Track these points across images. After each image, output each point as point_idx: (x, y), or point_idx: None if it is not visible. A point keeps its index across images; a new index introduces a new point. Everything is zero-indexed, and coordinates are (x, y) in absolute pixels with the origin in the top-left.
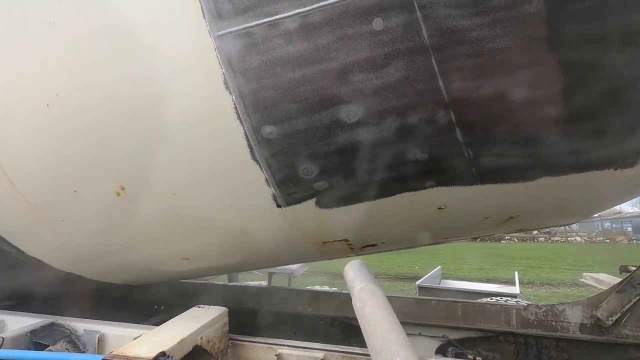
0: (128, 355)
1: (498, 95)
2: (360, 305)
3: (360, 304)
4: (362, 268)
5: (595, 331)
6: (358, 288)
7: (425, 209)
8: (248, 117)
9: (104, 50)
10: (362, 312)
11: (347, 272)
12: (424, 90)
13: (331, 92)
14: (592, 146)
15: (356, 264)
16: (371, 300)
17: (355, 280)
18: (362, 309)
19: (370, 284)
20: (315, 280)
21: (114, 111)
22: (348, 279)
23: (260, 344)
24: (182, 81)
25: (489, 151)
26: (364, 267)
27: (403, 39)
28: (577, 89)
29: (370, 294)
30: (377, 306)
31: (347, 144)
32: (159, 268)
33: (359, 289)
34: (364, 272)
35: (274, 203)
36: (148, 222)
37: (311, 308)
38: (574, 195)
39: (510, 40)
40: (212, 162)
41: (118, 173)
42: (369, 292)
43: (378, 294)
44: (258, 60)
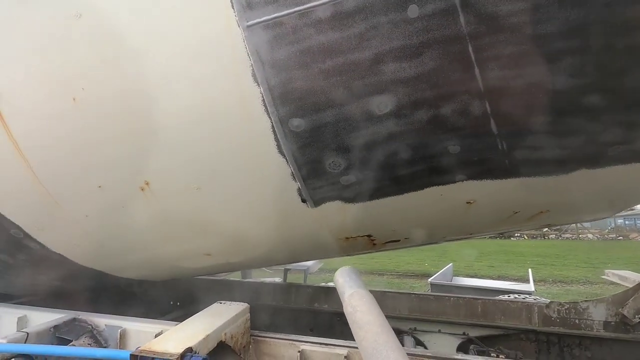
0: (156, 351)
1: (536, 84)
2: (351, 310)
3: (350, 309)
4: (352, 274)
5: (620, 329)
6: (348, 294)
7: (453, 204)
8: (276, 109)
9: (131, 42)
10: (353, 317)
11: (337, 279)
12: (459, 79)
13: (362, 82)
14: (634, 137)
15: (346, 270)
16: (361, 306)
17: (345, 287)
18: (353, 314)
19: (360, 289)
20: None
21: (140, 105)
22: (338, 285)
23: (282, 340)
24: (210, 73)
25: (524, 143)
26: (354, 273)
27: (439, 27)
28: (621, 76)
29: (360, 299)
30: (368, 311)
31: (377, 137)
32: (180, 264)
33: (349, 294)
34: (353, 278)
35: (298, 197)
36: (171, 217)
37: (327, 304)
38: (610, 189)
39: (551, 26)
40: (238, 155)
41: (142, 167)
42: (359, 297)
43: (368, 299)
44: (288, 51)
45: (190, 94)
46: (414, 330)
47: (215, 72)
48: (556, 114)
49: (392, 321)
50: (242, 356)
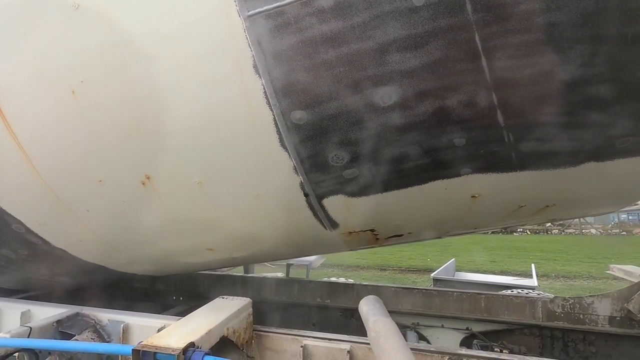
0: (158, 345)
1: (544, 75)
2: (374, 335)
3: (374, 335)
4: (376, 303)
5: (625, 324)
6: (372, 320)
7: (458, 198)
8: (278, 101)
9: (130, 33)
10: (377, 342)
11: (362, 307)
12: (465, 70)
13: (366, 73)
14: None
15: (370, 299)
16: (384, 331)
17: (369, 314)
18: (377, 339)
19: (384, 317)
20: (326, 273)
21: (140, 97)
22: (363, 312)
23: (285, 335)
24: (210, 64)
25: (531, 135)
26: (378, 302)
27: (445, 15)
28: (631, 66)
29: (384, 326)
30: (390, 336)
31: (381, 129)
32: (182, 259)
33: (373, 321)
34: (377, 306)
35: (301, 191)
36: (173, 211)
37: (330, 299)
38: (617, 182)
39: (559, 15)
40: (240, 149)
41: (143, 162)
42: (382, 324)
43: (391, 325)
44: (289, 41)
45: (190, 85)
46: (417, 325)
47: (215, 63)
48: (564, 105)
49: (395, 316)
50: (245, 351)
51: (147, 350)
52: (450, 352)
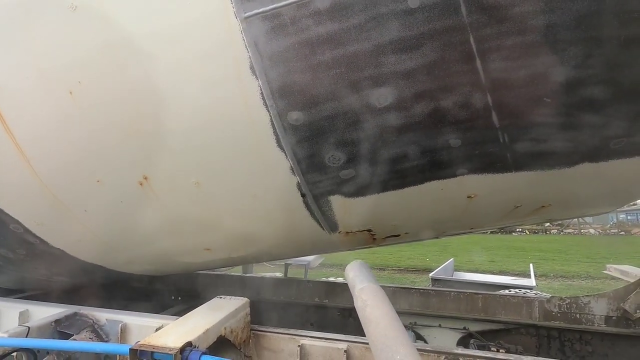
0: (155, 345)
1: (538, 76)
2: (361, 305)
3: (361, 304)
4: (363, 268)
5: (621, 324)
6: (359, 288)
7: (454, 198)
8: (274, 102)
9: (127, 34)
10: (363, 312)
11: (348, 273)
12: (460, 71)
13: (362, 75)
14: (636, 130)
15: (357, 264)
16: (372, 300)
17: (356, 281)
18: (363, 309)
19: (371, 284)
20: (325, 272)
21: (137, 98)
22: (349, 279)
23: (282, 334)
24: (207, 66)
25: (526, 136)
26: (365, 267)
27: (440, 17)
28: (623, 69)
29: (371, 294)
30: (378, 305)
31: (377, 130)
32: (180, 259)
33: (360, 288)
34: (364, 272)
35: (298, 192)
36: (171, 212)
37: (328, 299)
38: (612, 183)
39: (553, 17)
40: (237, 150)
41: (141, 162)
42: (369, 291)
43: (379, 293)
44: (286, 43)
45: (187, 86)
46: (414, 324)
47: (213, 64)
48: (559, 106)
49: None
50: (242, 350)
51: (145, 350)
52: (448, 352)
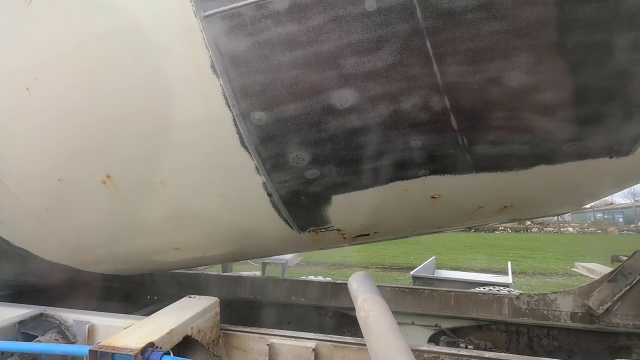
0: (115, 346)
1: (494, 81)
2: (363, 315)
3: (363, 314)
4: (366, 279)
5: (586, 320)
6: (362, 299)
7: (418, 198)
8: (237, 102)
9: (84, 30)
10: (365, 322)
11: (351, 283)
12: (417, 74)
13: (322, 76)
14: (587, 134)
15: (360, 275)
16: (374, 311)
17: (359, 291)
18: (366, 319)
19: (374, 295)
20: (309, 271)
21: (97, 95)
22: (352, 289)
23: (252, 333)
24: (168, 64)
25: (483, 139)
26: (368, 278)
27: (397, 21)
28: (574, 75)
29: (374, 304)
30: (380, 316)
31: (339, 131)
32: (149, 258)
33: (363, 299)
34: (367, 283)
35: (264, 191)
36: (137, 211)
37: (304, 298)
38: (569, 184)
39: (507, 23)
40: (201, 149)
41: (103, 160)
42: (372, 302)
43: (381, 304)
44: (246, 43)
45: (147, 85)
46: None
47: (172, 62)
48: (513, 110)
49: None
50: (211, 350)
51: (105, 351)
52: (415, 349)
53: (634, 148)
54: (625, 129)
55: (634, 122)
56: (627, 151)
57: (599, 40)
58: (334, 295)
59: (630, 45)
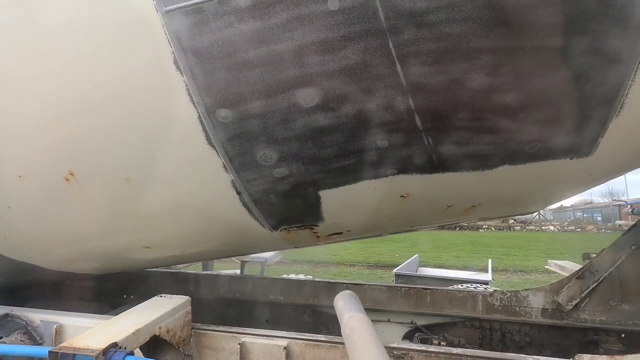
0: (77, 347)
1: (456, 82)
2: (348, 332)
3: (349, 331)
4: (352, 298)
5: (556, 316)
6: (347, 316)
7: (388, 197)
8: (201, 99)
9: (44, 24)
10: (350, 339)
11: (337, 302)
12: (381, 74)
13: (287, 74)
14: (547, 135)
15: (346, 294)
16: (359, 328)
17: (344, 309)
18: (350, 336)
19: (359, 313)
20: (295, 269)
21: (59, 90)
22: (338, 307)
23: (223, 332)
24: (130, 59)
25: (448, 139)
26: (354, 297)
27: (359, 20)
28: (533, 78)
29: (359, 322)
30: (365, 333)
31: (306, 130)
32: (120, 257)
33: (348, 317)
34: (353, 302)
35: (233, 190)
36: (103, 208)
37: (283, 296)
38: (532, 184)
39: (469, 25)
40: (167, 146)
41: (65, 156)
42: (357, 320)
43: (366, 322)
44: (209, 39)
45: (111, 80)
46: None
47: (136, 58)
48: (476, 111)
49: None
50: (182, 350)
51: (65, 352)
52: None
53: (593, 149)
54: (584, 131)
55: (592, 124)
56: (586, 152)
57: (556, 44)
58: (312, 294)
59: (586, 49)
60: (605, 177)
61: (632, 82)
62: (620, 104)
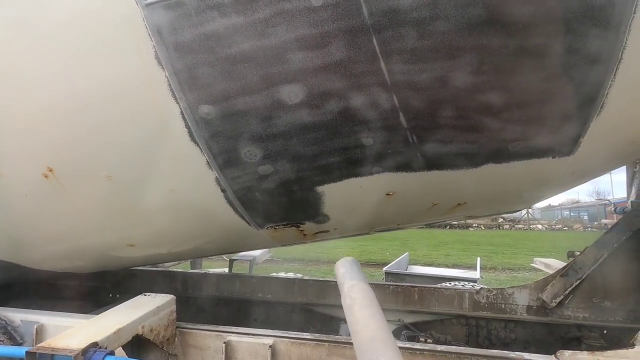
0: (55, 347)
1: (439, 80)
2: (349, 302)
3: (349, 301)
4: (354, 265)
5: (540, 313)
6: (348, 285)
7: (373, 195)
8: (183, 94)
9: (22, 20)
10: (351, 310)
11: (338, 269)
12: (366, 72)
13: (270, 70)
14: (530, 134)
15: (347, 260)
16: (360, 299)
17: (345, 277)
18: (351, 307)
19: (361, 282)
20: (286, 267)
21: (37, 86)
22: (339, 275)
23: (208, 331)
24: (110, 53)
25: (433, 137)
26: (355, 264)
27: (343, 17)
28: (516, 77)
29: (360, 292)
30: (366, 304)
31: (291, 127)
32: (103, 255)
33: (349, 286)
34: (355, 269)
35: (217, 187)
36: (83, 206)
37: (271, 295)
38: (517, 183)
39: (452, 23)
40: (149, 142)
41: (44, 153)
42: (359, 289)
43: (368, 292)
44: (191, 34)
45: (91, 75)
46: None
47: (117, 51)
48: (459, 109)
49: (332, 309)
50: (166, 349)
51: (44, 353)
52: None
53: (575, 148)
54: (566, 130)
55: (573, 124)
56: (568, 151)
57: (538, 43)
58: (301, 292)
59: (567, 49)
60: (588, 175)
61: (612, 82)
62: (601, 104)
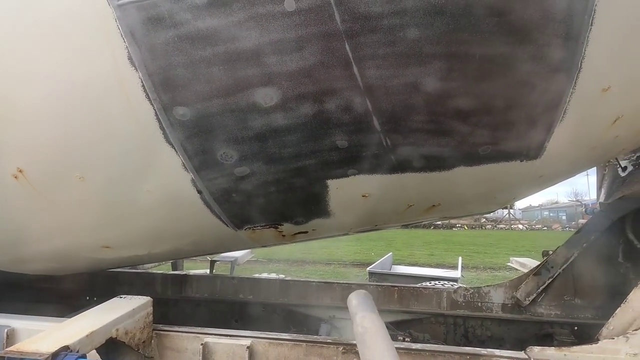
0: (24, 351)
1: (410, 85)
2: (361, 331)
3: (361, 330)
4: (367, 299)
5: (514, 310)
6: (360, 316)
7: (350, 196)
8: (158, 96)
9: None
10: (362, 338)
11: (351, 300)
12: (339, 76)
13: (245, 73)
14: (498, 139)
15: (361, 293)
16: (372, 329)
17: (358, 308)
18: (363, 335)
19: (373, 314)
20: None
21: (7, 84)
22: (351, 306)
23: (186, 333)
24: (82, 53)
25: (406, 140)
26: (369, 297)
27: (316, 22)
28: (482, 83)
29: (371, 322)
30: (377, 334)
31: (266, 129)
32: (76, 257)
33: (361, 316)
34: (368, 302)
35: (193, 188)
36: (56, 207)
37: (252, 295)
38: (488, 185)
39: (421, 31)
40: (123, 144)
41: (13, 153)
42: (370, 320)
43: (378, 323)
44: (165, 35)
45: (62, 74)
46: (333, 317)
47: (89, 52)
48: (431, 113)
49: (313, 309)
50: (142, 352)
51: (12, 357)
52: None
53: (541, 152)
54: (531, 135)
55: (538, 129)
56: (535, 155)
57: (503, 52)
58: (283, 293)
59: (530, 58)
60: (555, 178)
61: (573, 89)
62: (563, 110)
